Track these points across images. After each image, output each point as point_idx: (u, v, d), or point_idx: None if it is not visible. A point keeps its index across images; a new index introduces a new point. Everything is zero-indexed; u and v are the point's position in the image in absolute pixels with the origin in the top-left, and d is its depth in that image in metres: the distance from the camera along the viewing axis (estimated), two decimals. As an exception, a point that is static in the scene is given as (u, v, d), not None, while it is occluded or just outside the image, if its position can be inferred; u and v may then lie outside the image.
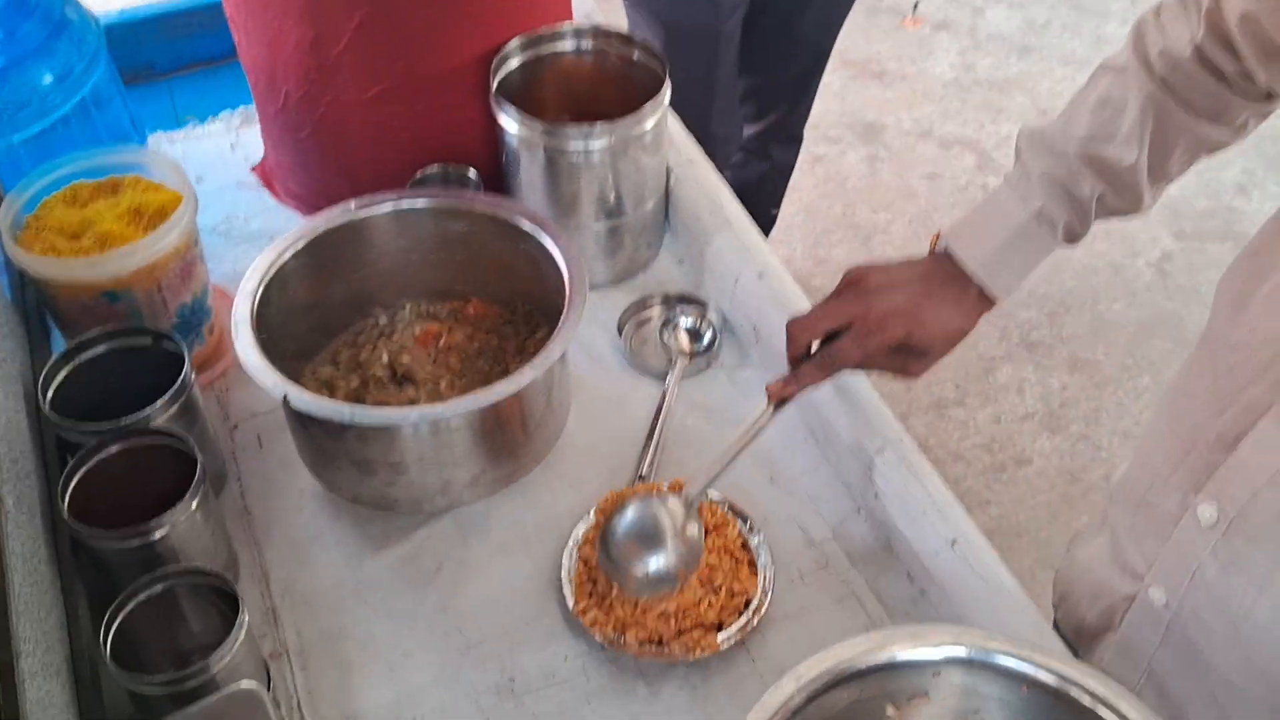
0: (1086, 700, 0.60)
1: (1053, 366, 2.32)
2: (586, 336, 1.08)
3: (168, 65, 1.35)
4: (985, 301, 0.86)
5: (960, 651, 0.63)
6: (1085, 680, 0.60)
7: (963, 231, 0.86)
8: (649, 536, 0.85)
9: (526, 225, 0.95)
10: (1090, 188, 0.82)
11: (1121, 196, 0.83)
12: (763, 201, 2.04)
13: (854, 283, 0.86)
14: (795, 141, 1.97)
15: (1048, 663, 0.61)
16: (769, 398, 0.87)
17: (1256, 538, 0.66)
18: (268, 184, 1.22)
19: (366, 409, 0.84)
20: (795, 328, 0.86)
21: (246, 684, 0.70)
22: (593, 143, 1.01)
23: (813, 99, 1.90)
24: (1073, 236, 0.86)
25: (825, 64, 1.85)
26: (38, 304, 1.01)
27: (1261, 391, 0.66)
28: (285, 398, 0.83)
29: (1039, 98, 2.94)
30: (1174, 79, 0.78)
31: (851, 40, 3.07)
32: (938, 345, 0.85)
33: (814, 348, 0.87)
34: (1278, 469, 0.64)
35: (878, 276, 0.85)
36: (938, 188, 2.68)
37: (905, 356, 0.85)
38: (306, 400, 0.82)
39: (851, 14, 1.82)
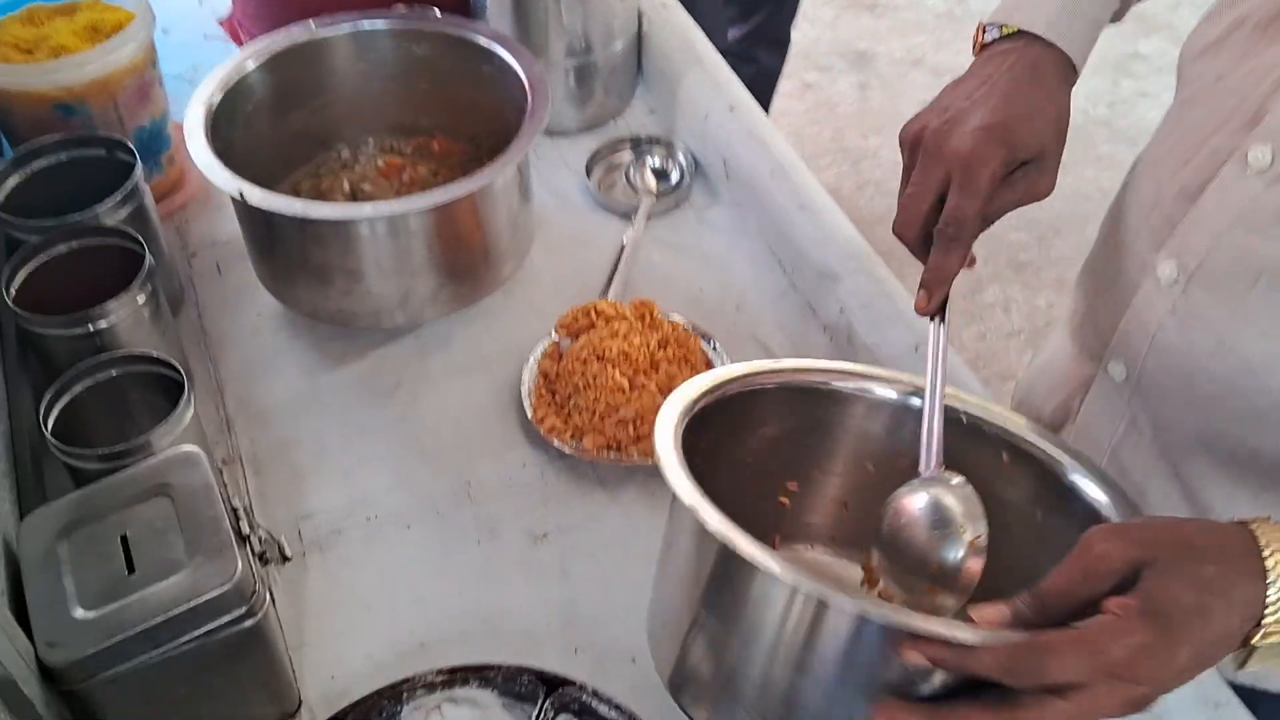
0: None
1: (1040, 286, 2.30)
2: (554, 178, 1.07)
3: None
4: (1065, 73, 0.71)
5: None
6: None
7: (1016, 4, 0.72)
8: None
9: (486, 42, 0.93)
10: None
11: None
12: (749, 109, 2.02)
13: (917, 140, 0.70)
14: (782, 45, 1.95)
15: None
16: (920, 313, 0.70)
17: (1215, 287, 0.65)
18: (234, 36, 1.20)
19: (321, 204, 0.82)
20: (899, 227, 0.70)
21: (188, 447, 0.68)
22: (557, -37, 0.99)
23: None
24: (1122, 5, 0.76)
25: (811, -41, 1.82)
26: (-8, 125, 0.99)
27: (1224, 139, 0.64)
28: (241, 194, 0.81)
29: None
30: None
31: (845, -26, 3.04)
32: (1048, 141, 0.69)
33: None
34: (1239, 213, 0.63)
35: (935, 117, 0.69)
36: (928, 115, 2.66)
37: (1026, 177, 0.69)
38: (261, 195, 0.81)
39: None
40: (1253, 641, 0.49)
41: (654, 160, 1.06)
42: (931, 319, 0.67)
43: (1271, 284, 0.63)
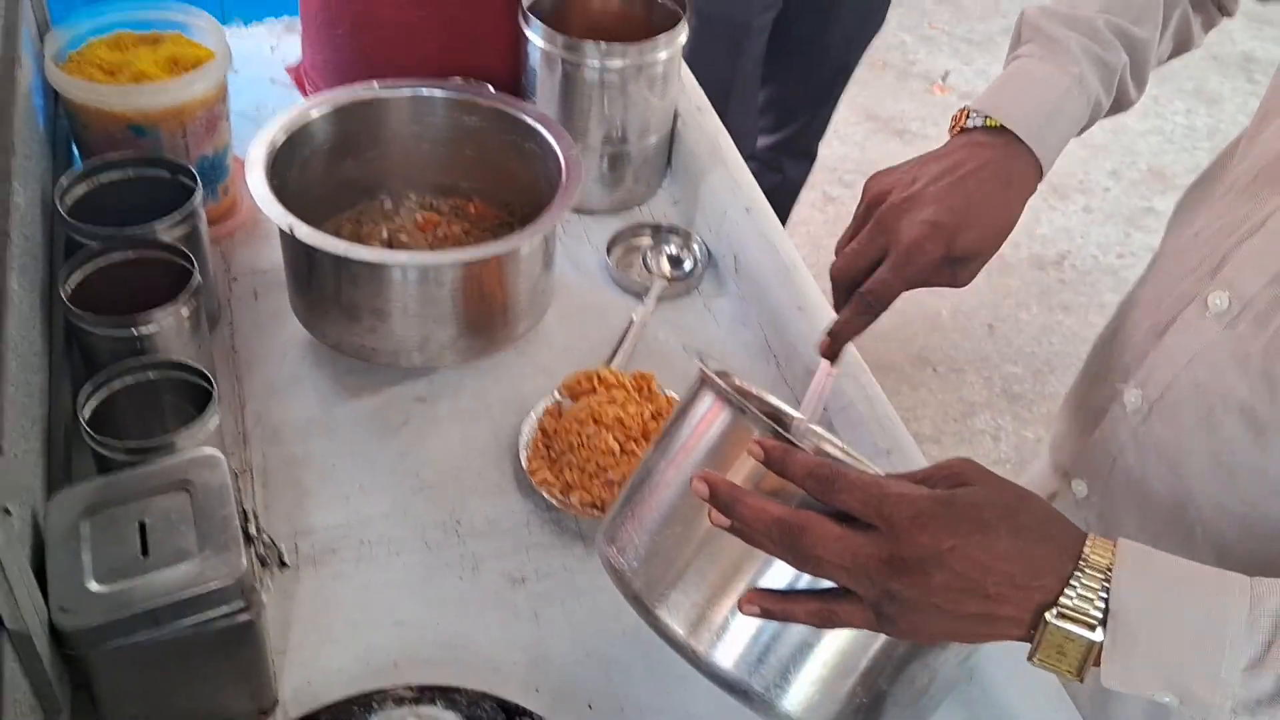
0: None
1: (1030, 420, 2.36)
2: (577, 252, 1.14)
3: (223, -27, 1.43)
4: (1031, 177, 0.76)
5: None
6: None
7: (1000, 101, 0.77)
8: None
9: (531, 121, 1.01)
10: (1118, 58, 0.79)
11: (1137, 74, 0.82)
12: (770, 215, 2.11)
13: (876, 201, 0.75)
14: (809, 158, 2.04)
15: None
16: (821, 353, 0.79)
17: (1172, 418, 0.71)
18: (298, 84, 1.29)
19: (362, 247, 0.89)
20: (836, 272, 0.76)
21: (210, 450, 0.74)
22: (609, 61, 1.07)
23: (829, 116, 1.98)
24: (1095, 114, 0.81)
25: (846, 82, 1.93)
26: (67, 137, 1.06)
27: (1190, 284, 0.72)
28: (290, 228, 0.88)
29: (1052, 173, 3.01)
30: None
31: (879, 99, 3.17)
32: (986, 246, 0.74)
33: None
34: (1197, 350, 0.70)
35: (900, 188, 0.74)
36: (942, 240, 2.75)
37: (952, 267, 0.75)
38: (309, 232, 0.88)
39: (883, 76, 1.90)
40: (1046, 616, 0.51)
41: (671, 247, 1.13)
42: (823, 356, 0.77)
43: (1220, 419, 0.70)
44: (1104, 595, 0.52)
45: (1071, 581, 0.52)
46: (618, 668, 0.80)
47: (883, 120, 3.15)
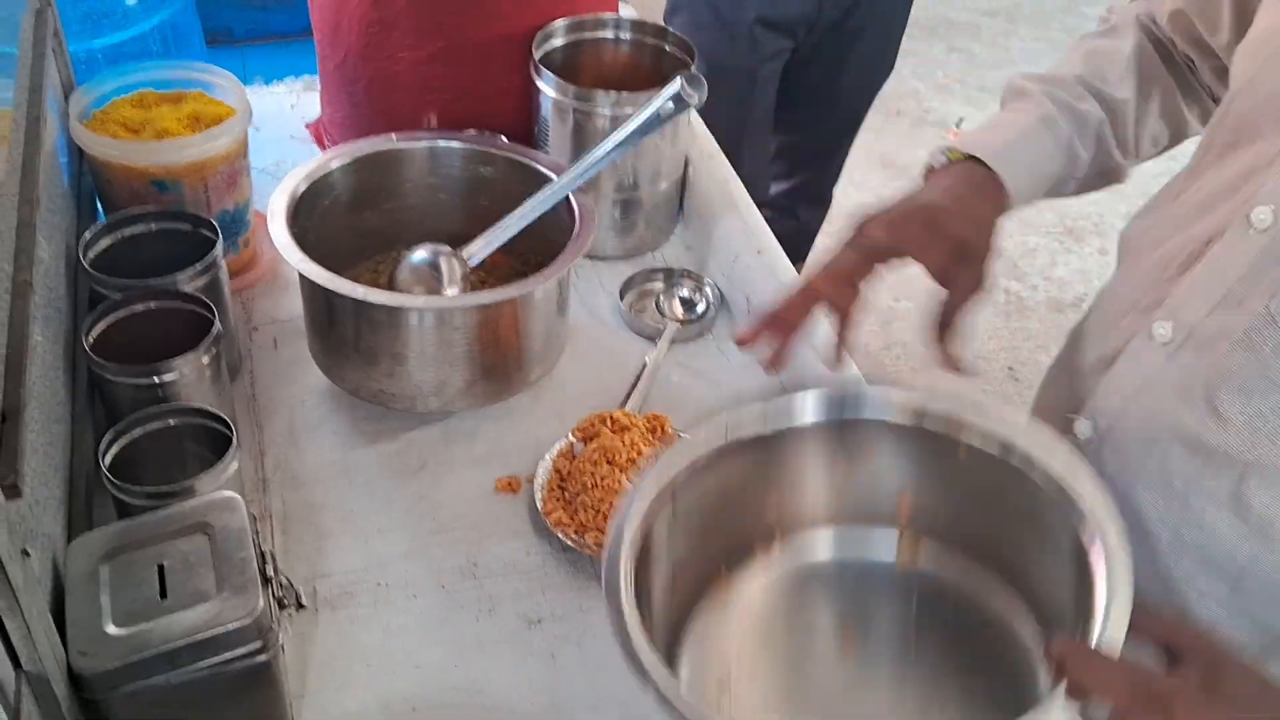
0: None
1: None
2: (591, 297, 1.15)
3: (244, 34, 1.47)
4: (998, 190, 0.80)
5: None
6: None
7: (964, 140, 0.83)
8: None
9: (545, 170, 1.03)
10: (1092, 108, 0.84)
11: (1118, 133, 0.85)
12: (786, 262, 2.12)
13: (858, 231, 0.79)
14: (823, 205, 2.06)
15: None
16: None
17: (1121, 447, 0.72)
18: (317, 139, 1.31)
19: (378, 291, 0.90)
20: (817, 276, 0.80)
21: (229, 493, 0.75)
22: (620, 110, 1.09)
23: (842, 163, 2.00)
24: (1074, 161, 0.84)
25: (857, 128, 1.95)
26: (92, 194, 1.09)
27: (1135, 316, 0.73)
28: (308, 273, 0.90)
29: (1067, 216, 3.03)
30: (1153, 37, 0.87)
31: (895, 147, 3.19)
32: (969, 233, 0.77)
33: None
34: (1144, 379, 0.71)
35: (874, 212, 0.79)
36: (960, 285, 2.76)
37: (960, 274, 0.78)
38: (328, 277, 0.89)
39: (897, 124, 1.92)
40: None
41: (683, 291, 1.14)
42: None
43: (1167, 447, 0.72)
44: None
45: None
46: (630, 710, 0.80)
47: (899, 167, 3.17)
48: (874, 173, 3.12)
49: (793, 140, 1.93)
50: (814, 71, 1.78)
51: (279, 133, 1.32)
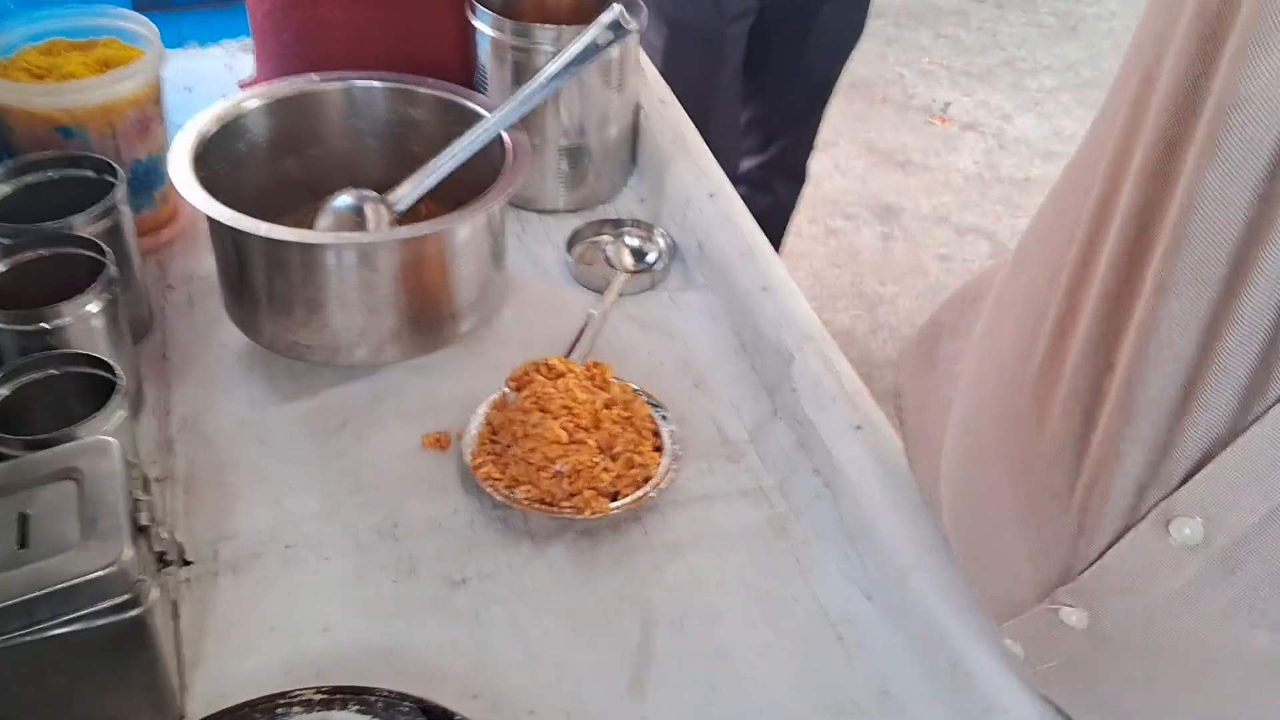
0: None
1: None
2: (539, 252, 1.08)
3: (181, -1, 1.40)
4: None
5: None
6: None
7: None
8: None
9: (476, 107, 0.97)
10: None
11: None
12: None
13: None
14: (798, 178, 1.99)
15: None
16: None
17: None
18: (252, 99, 1.24)
19: (288, 229, 0.83)
20: None
21: (102, 436, 0.68)
22: (562, 47, 1.02)
23: (815, 132, 1.93)
24: None
25: (829, 95, 1.88)
26: (-2, 146, 1.02)
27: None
28: (213, 215, 0.83)
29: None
30: None
31: (879, 132, 3.13)
32: None
33: None
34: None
35: None
36: (948, 268, 2.69)
37: None
38: (229, 215, 0.83)
39: (882, 110, 1.86)
40: None
41: (633, 241, 1.07)
42: None
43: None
44: None
45: None
46: (564, 671, 0.72)
47: (884, 153, 3.10)
48: (859, 159, 3.06)
49: (764, 109, 1.86)
50: (782, 33, 1.71)
51: (212, 92, 1.23)
